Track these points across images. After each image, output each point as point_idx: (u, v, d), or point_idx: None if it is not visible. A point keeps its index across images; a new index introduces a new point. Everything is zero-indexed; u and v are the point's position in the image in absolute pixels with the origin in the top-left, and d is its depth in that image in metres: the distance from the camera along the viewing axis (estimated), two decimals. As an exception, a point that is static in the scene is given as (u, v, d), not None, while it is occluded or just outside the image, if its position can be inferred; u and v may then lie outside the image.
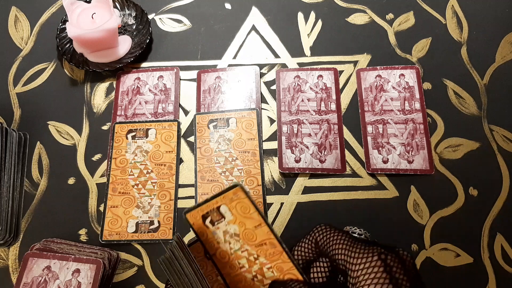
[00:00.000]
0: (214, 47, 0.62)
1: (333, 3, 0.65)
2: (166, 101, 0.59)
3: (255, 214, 0.33)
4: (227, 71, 0.60)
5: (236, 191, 0.33)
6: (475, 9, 0.63)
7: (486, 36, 0.61)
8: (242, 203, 0.33)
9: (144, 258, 0.51)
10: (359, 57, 0.60)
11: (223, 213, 0.34)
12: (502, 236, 0.50)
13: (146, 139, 0.56)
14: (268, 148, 0.55)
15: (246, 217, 0.34)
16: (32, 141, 0.57)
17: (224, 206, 0.33)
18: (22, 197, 0.54)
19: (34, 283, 0.46)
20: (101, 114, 0.59)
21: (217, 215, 0.34)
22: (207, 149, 0.55)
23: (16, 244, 0.52)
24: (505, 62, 0.59)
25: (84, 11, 0.59)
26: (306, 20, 0.64)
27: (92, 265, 0.46)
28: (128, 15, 0.64)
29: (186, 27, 0.64)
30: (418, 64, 0.59)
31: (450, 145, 0.55)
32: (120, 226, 0.51)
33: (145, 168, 0.54)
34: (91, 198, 0.54)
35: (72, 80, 0.61)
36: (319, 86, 0.58)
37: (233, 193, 0.33)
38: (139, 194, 0.53)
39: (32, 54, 0.63)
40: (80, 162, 0.56)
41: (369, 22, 0.63)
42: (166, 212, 0.52)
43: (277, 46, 0.62)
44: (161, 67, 0.61)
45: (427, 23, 0.62)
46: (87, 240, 0.52)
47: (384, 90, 0.57)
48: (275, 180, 0.54)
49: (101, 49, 0.60)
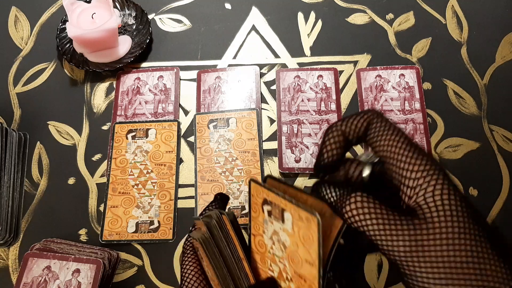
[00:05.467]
0: (214, 47, 0.62)
1: (333, 3, 0.65)
2: (166, 101, 0.59)
3: (314, 253, 0.24)
4: (227, 71, 0.60)
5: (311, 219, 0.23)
6: (475, 9, 0.63)
7: (486, 36, 0.61)
8: (309, 234, 0.24)
9: (144, 258, 0.51)
10: (359, 57, 0.60)
11: (285, 219, 0.26)
12: (502, 236, 0.50)
13: (146, 139, 0.56)
14: (268, 148, 0.55)
15: (304, 246, 0.25)
16: (32, 141, 0.57)
17: (289, 216, 0.25)
18: (22, 197, 0.54)
19: (34, 283, 0.46)
20: (101, 114, 0.59)
21: (278, 214, 0.27)
22: (207, 149, 0.55)
23: (16, 244, 0.52)
24: (505, 62, 0.59)
25: (84, 11, 0.59)
26: (306, 20, 0.64)
27: (92, 265, 0.46)
28: (128, 15, 0.64)
29: (186, 27, 0.64)
30: (418, 64, 0.59)
31: (450, 145, 0.55)
32: (120, 226, 0.51)
33: (145, 168, 0.54)
34: (91, 198, 0.54)
35: (72, 80, 0.61)
36: (319, 86, 0.58)
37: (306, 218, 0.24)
38: (139, 194, 0.53)
39: (32, 54, 0.63)
40: (80, 162, 0.56)
41: (369, 22, 0.63)
42: (166, 212, 0.52)
43: (277, 46, 0.62)
44: (161, 67, 0.61)
45: (427, 23, 0.62)
46: (87, 240, 0.52)
47: (384, 90, 0.57)
48: (275, 180, 0.54)
49: (101, 49, 0.60)
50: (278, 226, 0.26)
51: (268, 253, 0.28)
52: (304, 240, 0.25)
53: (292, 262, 0.26)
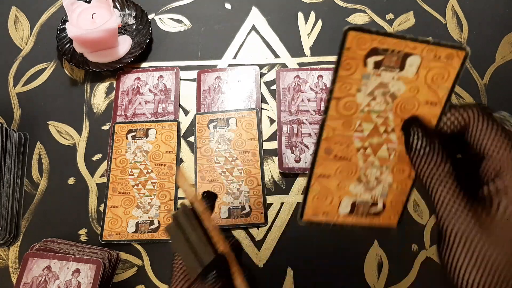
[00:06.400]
0: (214, 47, 0.62)
1: (333, 3, 0.65)
2: (166, 101, 0.59)
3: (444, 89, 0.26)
4: (227, 71, 0.60)
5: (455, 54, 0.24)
6: (475, 9, 0.63)
7: (486, 36, 0.61)
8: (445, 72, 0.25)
9: (144, 258, 0.51)
10: (359, 57, 0.60)
11: (407, 65, 0.25)
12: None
13: (146, 139, 0.56)
14: (268, 148, 0.55)
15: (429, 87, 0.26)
16: (32, 141, 0.57)
17: (417, 59, 0.25)
18: (22, 197, 0.54)
19: (34, 283, 0.46)
20: (101, 114, 0.59)
21: (396, 61, 0.25)
22: (207, 149, 0.55)
23: (16, 244, 0.52)
24: (505, 62, 0.59)
25: (84, 11, 0.59)
26: (306, 20, 0.64)
27: (92, 265, 0.46)
28: (128, 15, 0.64)
29: (186, 27, 0.64)
30: (418, 64, 0.59)
31: (450, 145, 0.54)
32: (120, 226, 0.51)
33: (145, 168, 0.54)
34: (91, 198, 0.54)
35: (72, 80, 0.61)
36: (319, 86, 0.58)
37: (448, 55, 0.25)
38: (139, 194, 0.53)
39: (32, 54, 0.63)
40: (80, 162, 0.56)
41: (369, 22, 0.63)
42: (166, 212, 0.52)
43: (277, 46, 0.62)
44: (161, 67, 0.61)
45: (427, 23, 0.62)
46: (87, 240, 0.52)
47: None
48: (275, 180, 0.54)
49: (101, 49, 0.60)
50: (391, 76, 0.26)
51: (360, 112, 0.27)
52: (432, 81, 0.25)
53: (401, 111, 0.26)
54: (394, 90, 0.26)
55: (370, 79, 0.25)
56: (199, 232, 0.30)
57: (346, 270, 0.49)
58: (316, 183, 0.31)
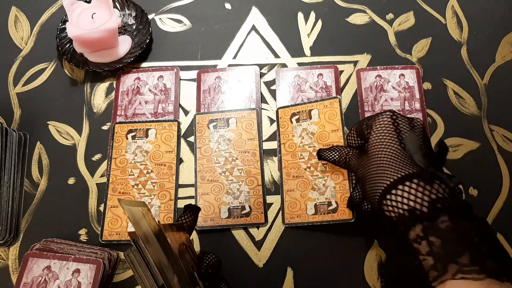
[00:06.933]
0: (214, 47, 0.62)
1: (333, 3, 0.65)
2: (166, 101, 0.59)
3: (338, 121, 0.47)
4: (227, 71, 0.60)
5: (333, 101, 0.47)
6: (475, 9, 0.63)
7: (486, 36, 0.61)
8: (332, 111, 0.47)
9: (144, 258, 0.51)
10: (359, 57, 0.60)
11: (312, 115, 0.47)
12: (502, 236, 0.50)
13: (146, 139, 0.56)
14: (268, 148, 0.55)
15: (329, 122, 0.47)
16: (32, 141, 0.57)
17: (316, 110, 0.48)
18: (22, 197, 0.54)
19: (34, 283, 0.46)
20: (101, 114, 0.59)
21: (306, 115, 0.48)
22: (207, 149, 0.55)
23: (16, 244, 0.52)
24: (505, 62, 0.59)
25: (84, 11, 0.59)
26: (306, 20, 0.64)
27: (92, 265, 0.46)
28: (128, 15, 0.64)
29: (186, 27, 0.64)
30: (418, 64, 0.59)
31: (450, 145, 0.55)
32: (120, 226, 0.51)
33: (145, 168, 0.54)
34: (91, 198, 0.54)
35: (72, 80, 0.61)
36: (319, 85, 0.58)
37: (330, 103, 0.47)
38: (139, 194, 0.53)
39: (32, 54, 0.63)
40: (80, 162, 0.56)
41: (369, 22, 0.63)
42: (166, 212, 0.52)
43: (277, 46, 0.62)
44: (161, 67, 0.61)
45: (427, 23, 0.62)
46: (87, 240, 0.52)
47: (384, 90, 0.57)
48: (275, 180, 0.54)
49: (101, 49, 0.60)
50: (306, 123, 0.48)
51: (297, 147, 0.49)
52: (329, 118, 0.47)
53: (320, 140, 0.47)
54: (312, 130, 0.48)
55: (297, 128, 0.48)
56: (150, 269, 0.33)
57: (346, 270, 0.49)
58: (287, 196, 0.50)
